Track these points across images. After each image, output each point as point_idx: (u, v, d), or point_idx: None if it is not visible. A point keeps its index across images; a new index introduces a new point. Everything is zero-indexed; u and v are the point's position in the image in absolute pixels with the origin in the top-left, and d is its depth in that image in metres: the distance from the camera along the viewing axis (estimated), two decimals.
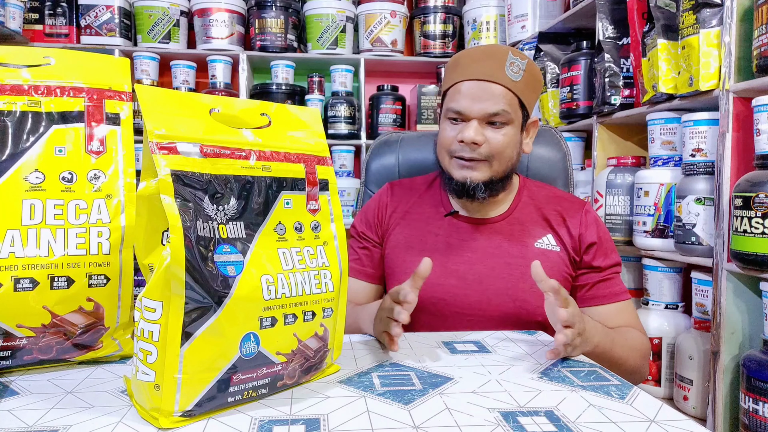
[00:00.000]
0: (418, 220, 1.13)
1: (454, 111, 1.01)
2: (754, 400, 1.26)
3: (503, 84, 0.99)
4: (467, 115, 1.00)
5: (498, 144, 1.00)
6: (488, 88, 0.99)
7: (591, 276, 1.07)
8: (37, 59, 0.72)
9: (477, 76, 0.99)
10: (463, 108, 1.00)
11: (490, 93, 0.99)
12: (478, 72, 0.99)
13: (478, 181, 1.02)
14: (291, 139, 0.69)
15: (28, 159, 0.69)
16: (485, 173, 1.02)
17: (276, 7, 2.62)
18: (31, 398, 0.63)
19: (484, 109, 0.99)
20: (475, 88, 0.99)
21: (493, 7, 2.72)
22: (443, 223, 1.11)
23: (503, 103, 0.99)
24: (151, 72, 2.60)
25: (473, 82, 0.99)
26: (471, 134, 0.99)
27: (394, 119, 2.75)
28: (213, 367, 0.57)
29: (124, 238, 0.72)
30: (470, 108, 0.99)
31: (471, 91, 0.99)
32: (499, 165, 1.02)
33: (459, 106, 1.00)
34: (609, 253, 1.08)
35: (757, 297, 1.40)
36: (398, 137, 1.39)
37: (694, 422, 0.59)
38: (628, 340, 0.97)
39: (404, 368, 0.75)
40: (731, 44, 1.37)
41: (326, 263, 0.67)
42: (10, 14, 2.34)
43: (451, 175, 1.04)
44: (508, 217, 1.10)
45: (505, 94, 0.99)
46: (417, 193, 1.17)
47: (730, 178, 1.38)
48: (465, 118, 1.01)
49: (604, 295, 1.05)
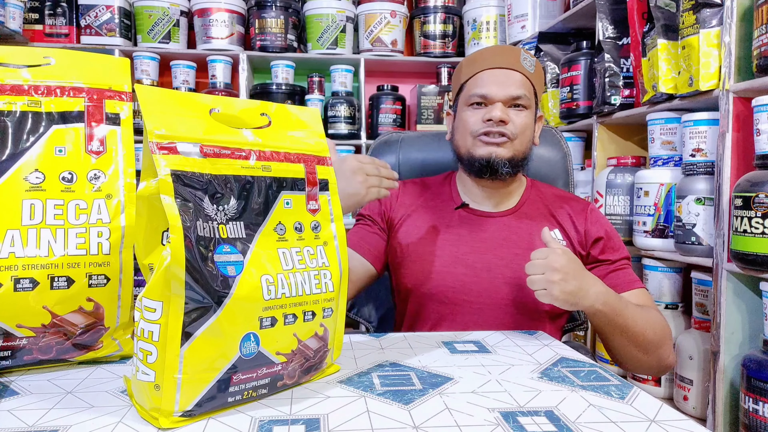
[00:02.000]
0: (429, 212, 1.17)
1: (480, 95, 1.08)
2: (754, 400, 1.26)
3: (522, 72, 1.09)
4: (492, 98, 1.07)
5: (521, 124, 1.09)
6: (511, 75, 1.08)
7: (601, 269, 1.08)
8: (37, 59, 0.72)
9: (499, 65, 1.09)
10: (489, 92, 1.08)
11: (513, 79, 1.08)
12: (499, 61, 1.09)
13: (502, 158, 1.08)
14: (291, 139, 0.69)
15: (28, 159, 0.69)
16: (509, 151, 1.08)
17: (276, 7, 2.62)
18: (31, 398, 0.63)
19: (508, 93, 1.07)
20: (499, 74, 1.08)
21: (493, 7, 2.72)
22: (454, 215, 1.15)
23: (524, 89, 1.08)
24: (151, 72, 2.60)
25: (496, 69, 1.09)
26: (499, 113, 1.06)
27: (394, 119, 2.75)
28: (213, 367, 0.57)
29: (124, 238, 0.72)
30: (496, 92, 1.07)
31: (495, 77, 1.08)
32: (520, 144, 1.09)
33: (485, 90, 1.08)
34: (617, 248, 1.10)
35: (757, 297, 1.40)
36: (399, 137, 1.39)
37: (694, 422, 0.59)
38: (645, 313, 0.96)
39: (404, 368, 0.75)
40: (731, 44, 1.37)
41: (326, 263, 0.67)
42: (10, 14, 2.34)
43: (473, 156, 1.09)
44: (516, 212, 1.14)
45: (524, 82, 1.09)
46: (428, 189, 1.22)
47: (730, 178, 1.38)
48: (490, 102, 1.08)
49: (617, 284, 1.05)
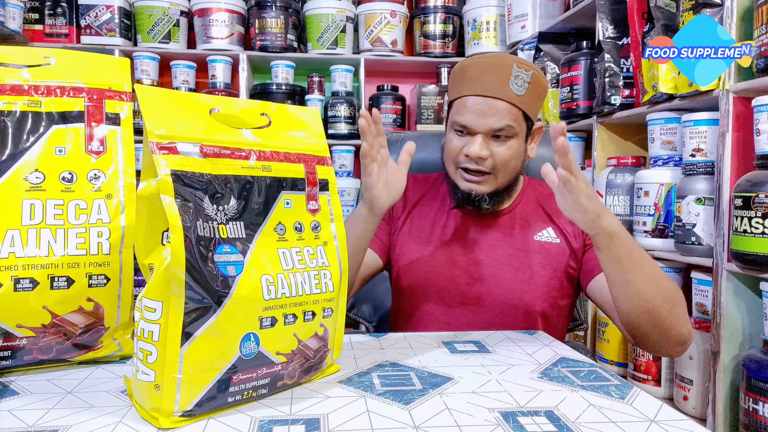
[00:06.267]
0: (426, 211, 1.16)
1: (460, 125, 1.03)
2: (754, 400, 1.26)
3: (507, 100, 1.00)
4: (473, 129, 1.02)
5: (503, 157, 1.03)
6: (493, 105, 1.00)
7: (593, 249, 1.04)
8: (37, 59, 0.72)
9: (482, 92, 1.01)
10: (468, 123, 1.02)
11: (495, 109, 1.00)
12: (482, 88, 1.01)
13: (482, 193, 1.05)
14: (291, 139, 0.69)
15: (28, 159, 0.69)
16: (490, 185, 1.05)
17: (276, 7, 2.62)
18: (31, 398, 0.63)
19: (488, 125, 1.01)
20: (480, 103, 1.01)
21: (493, 7, 2.72)
22: (449, 215, 1.14)
23: (508, 119, 1.01)
24: (151, 72, 2.60)
25: (478, 98, 1.01)
26: (476, 149, 1.01)
27: (394, 119, 2.75)
28: (213, 367, 0.57)
29: (124, 238, 0.72)
30: (476, 123, 1.01)
31: (476, 106, 1.01)
32: (503, 176, 1.05)
33: (465, 120, 1.02)
34: None
35: (757, 297, 1.40)
36: (399, 137, 1.39)
37: (694, 422, 0.59)
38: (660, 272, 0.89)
39: (404, 368, 0.75)
40: None
41: (326, 263, 0.67)
42: (10, 14, 2.34)
43: (456, 185, 1.07)
44: (511, 212, 1.13)
45: (509, 110, 1.01)
46: (427, 186, 1.20)
47: (730, 178, 1.38)
48: (470, 132, 1.03)
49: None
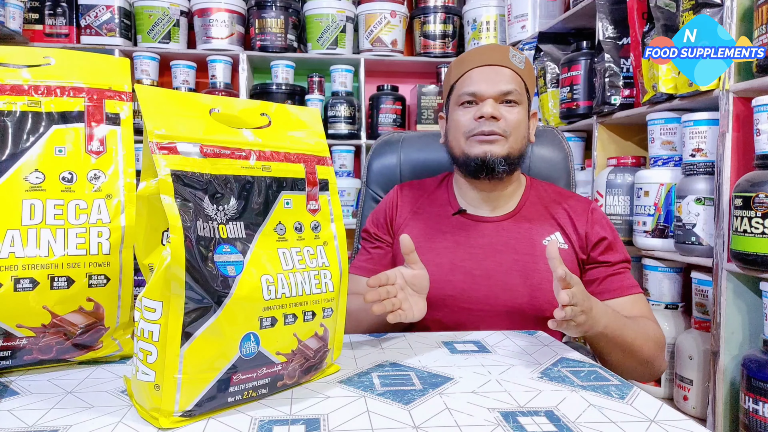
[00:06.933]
0: (427, 218, 1.15)
1: (470, 93, 1.07)
2: (754, 400, 1.26)
3: (512, 68, 1.08)
4: (482, 95, 1.06)
5: (513, 120, 1.07)
6: (500, 71, 1.07)
7: (600, 270, 1.07)
8: (37, 59, 0.72)
9: (487, 62, 1.08)
10: (478, 89, 1.06)
11: (502, 74, 1.07)
12: (487, 59, 1.08)
13: (497, 155, 1.06)
14: (291, 139, 0.69)
15: (28, 159, 0.69)
16: (503, 148, 1.07)
17: (276, 7, 2.62)
18: (31, 398, 0.63)
19: (499, 88, 1.06)
20: (488, 71, 1.07)
21: (493, 7, 2.72)
22: (451, 221, 1.13)
23: (514, 84, 1.07)
24: (151, 72, 2.60)
25: (485, 67, 1.08)
26: (490, 109, 1.05)
27: (394, 119, 2.75)
28: (213, 367, 0.57)
29: (124, 238, 0.72)
30: (485, 88, 1.06)
31: (484, 74, 1.07)
32: (514, 141, 1.08)
33: (474, 88, 1.07)
34: (618, 250, 1.09)
35: (757, 297, 1.40)
36: (399, 137, 1.39)
37: (694, 422, 0.59)
38: (641, 327, 0.96)
39: (404, 368, 0.75)
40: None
41: (326, 263, 0.67)
42: (10, 14, 2.34)
43: (468, 156, 1.08)
44: (515, 215, 1.12)
45: (514, 77, 1.08)
46: (426, 192, 1.19)
47: (730, 178, 1.38)
48: (480, 99, 1.07)
49: (615, 289, 1.05)
